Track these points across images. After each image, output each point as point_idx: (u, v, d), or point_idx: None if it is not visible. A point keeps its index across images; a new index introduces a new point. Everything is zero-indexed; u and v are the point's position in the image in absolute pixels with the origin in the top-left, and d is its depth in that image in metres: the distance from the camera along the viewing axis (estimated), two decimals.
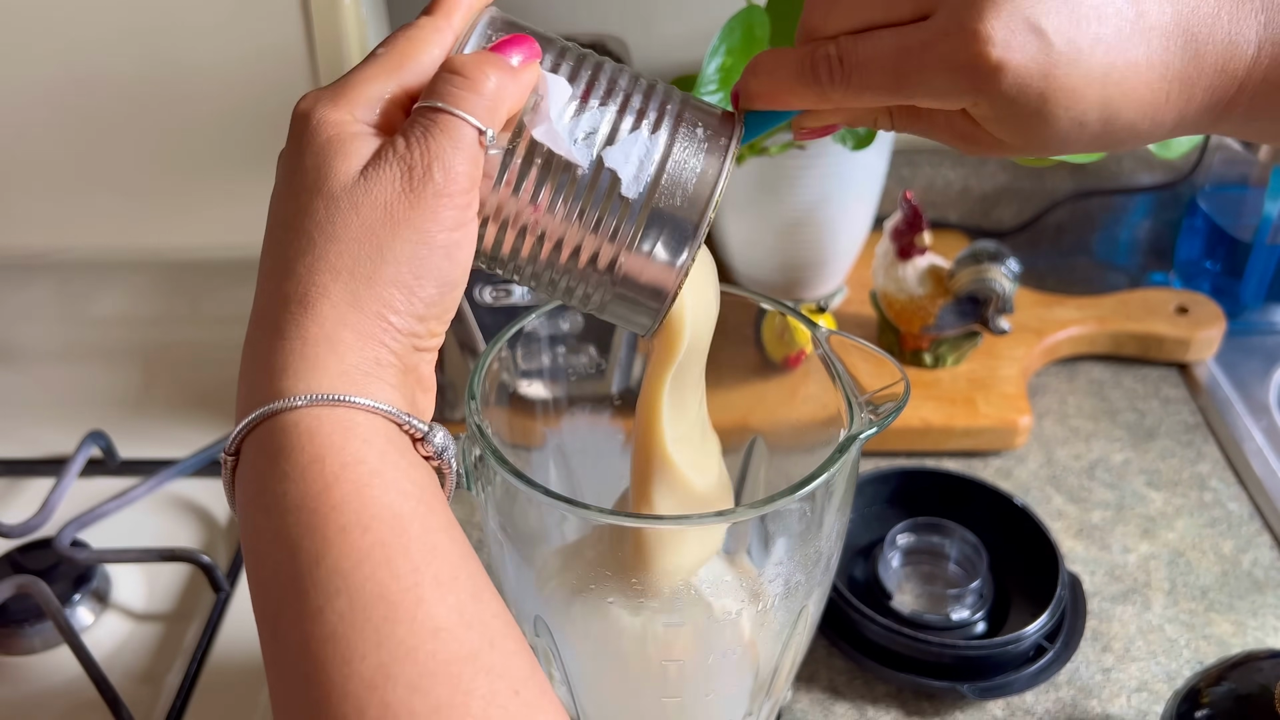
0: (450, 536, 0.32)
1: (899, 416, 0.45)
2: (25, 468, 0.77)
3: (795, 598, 0.48)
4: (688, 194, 0.36)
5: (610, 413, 0.60)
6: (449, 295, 0.35)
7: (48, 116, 0.75)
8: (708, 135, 0.37)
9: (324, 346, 0.32)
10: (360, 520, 0.30)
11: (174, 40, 0.71)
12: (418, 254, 0.33)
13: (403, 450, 0.33)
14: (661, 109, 0.37)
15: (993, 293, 0.76)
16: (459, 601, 0.30)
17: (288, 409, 0.32)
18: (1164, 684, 0.62)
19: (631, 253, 0.36)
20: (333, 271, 0.33)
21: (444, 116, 0.34)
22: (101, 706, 0.59)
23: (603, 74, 0.37)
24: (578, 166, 0.36)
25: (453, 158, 0.34)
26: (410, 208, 0.33)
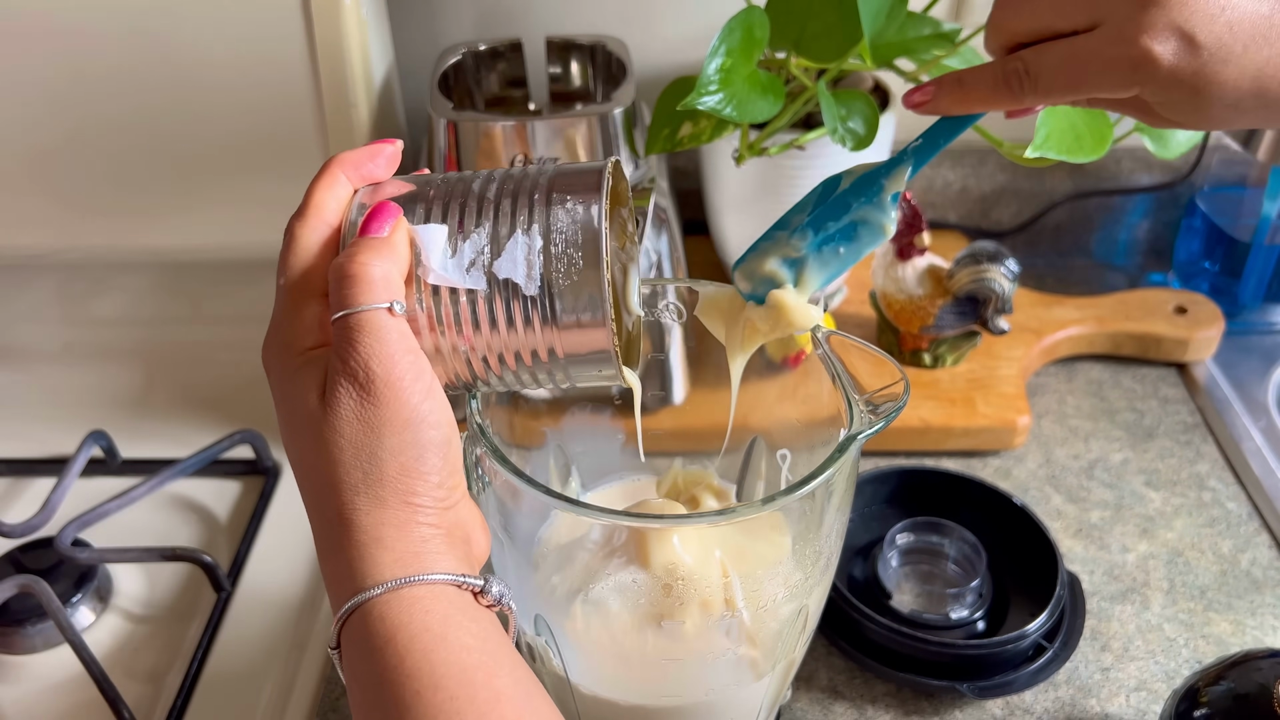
0: (514, 678, 0.37)
1: (898, 416, 0.45)
2: (27, 467, 0.77)
3: (795, 597, 0.48)
4: (578, 263, 0.39)
5: (610, 413, 0.60)
6: (450, 453, 0.39)
7: (48, 117, 0.75)
8: (577, 201, 0.40)
9: (374, 548, 0.37)
10: (432, 681, 0.35)
11: (175, 42, 0.71)
12: (404, 440, 0.37)
13: (464, 607, 0.37)
14: (530, 200, 0.40)
15: (992, 293, 0.76)
16: None
17: (360, 604, 0.37)
18: (1163, 683, 0.62)
19: (559, 333, 0.40)
20: (350, 490, 0.38)
21: (353, 318, 0.38)
22: (102, 706, 0.59)
23: (470, 198, 0.41)
24: (478, 291, 0.40)
25: (381, 348, 0.37)
26: (375, 408, 0.37)
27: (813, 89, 0.70)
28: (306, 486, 0.39)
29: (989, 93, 0.46)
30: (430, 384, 0.38)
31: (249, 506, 0.74)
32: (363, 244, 0.39)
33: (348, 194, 0.42)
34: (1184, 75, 0.41)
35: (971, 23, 0.81)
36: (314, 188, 0.41)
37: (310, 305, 0.40)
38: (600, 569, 0.50)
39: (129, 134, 0.75)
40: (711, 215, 0.88)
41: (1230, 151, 0.88)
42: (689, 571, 0.48)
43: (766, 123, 0.73)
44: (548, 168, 0.42)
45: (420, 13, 0.89)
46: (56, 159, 0.77)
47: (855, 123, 0.69)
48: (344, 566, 0.38)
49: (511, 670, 0.37)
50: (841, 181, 0.49)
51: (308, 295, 0.40)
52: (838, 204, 0.49)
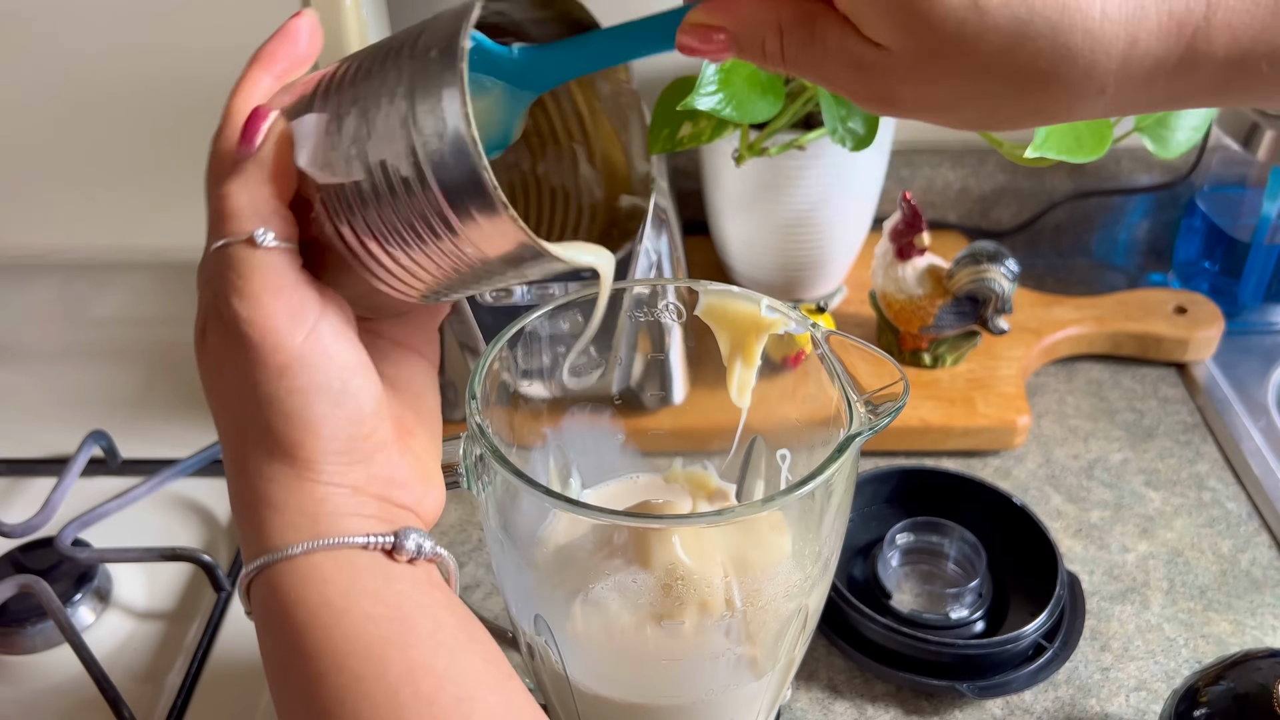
0: (434, 642, 0.33)
1: (898, 416, 0.45)
2: (27, 467, 0.77)
3: (795, 597, 0.48)
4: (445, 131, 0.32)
5: (610, 413, 0.60)
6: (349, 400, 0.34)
7: (48, 117, 0.75)
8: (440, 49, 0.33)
9: (264, 509, 0.34)
10: (334, 661, 0.32)
11: (175, 41, 0.71)
12: (282, 388, 0.33)
13: (373, 571, 0.34)
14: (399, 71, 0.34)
15: (991, 293, 0.76)
16: (443, 712, 0.32)
17: (254, 573, 0.34)
18: (1162, 683, 0.62)
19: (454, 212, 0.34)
20: (237, 439, 0.34)
21: (220, 253, 0.34)
22: (102, 706, 0.59)
23: (351, 77, 0.35)
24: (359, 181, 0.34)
25: (245, 284, 0.33)
26: (242, 351, 0.33)
27: (813, 89, 0.70)
28: (217, 428, 0.36)
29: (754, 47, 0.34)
30: (315, 326, 0.34)
31: None
32: (230, 169, 0.35)
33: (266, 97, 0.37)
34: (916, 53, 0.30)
35: None
36: (231, 97, 0.37)
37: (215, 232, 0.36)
38: (600, 569, 0.50)
39: (129, 133, 0.75)
40: (711, 215, 0.88)
41: (1230, 151, 0.88)
42: (689, 571, 0.48)
43: (766, 123, 0.73)
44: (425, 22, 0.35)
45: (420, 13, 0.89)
46: (57, 159, 0.77)
47: (855, 123, 0.69)
48: (244, 526, 0.35)
49: (432, 634, 0.33)
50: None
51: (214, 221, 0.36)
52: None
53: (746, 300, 0.52)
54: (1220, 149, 0.89)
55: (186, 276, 0.85)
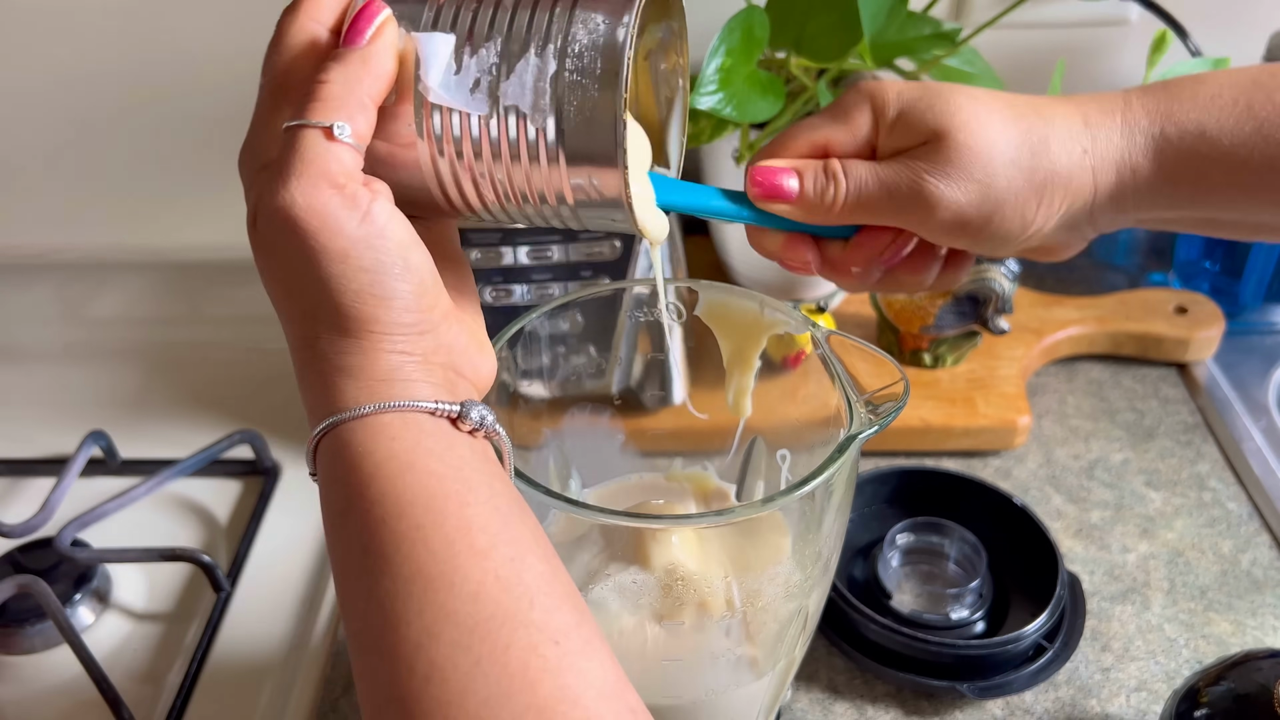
0: (491, 506, 0.35)
1: (898, 416, 0.45)
2: (26, 467, 0.77)
3: (795, 598, 0.48)
4: (593, 95, 0.34)
5: (610, 413, 0.60)
6: (412, 275, 0.36)
7: (48, 117, 0.75)
8: (602, 18, 0.34)
9: (338, 376, 0.36)
10: (397, 509, 0.33)
11: (174, 41, 0.71)
12: (349, 268, 0.35)
13: (438, 435, 0.35)
14: (550, 15, 0.35)
15: (992, 293, 0.76)
16: (495, 567, 0.33)
17: (327, 430, 0.35)
18: (1163, 683, 0.62)
19: (568, 172, 0.36)
20: (307, 318, 0.36)
21: (293, 133, 0.35)
22: (102, 706, 0.59)
23: (485, 2, 0.36)
24: (484, 114, 0.35)
25: (306, 170, 0.34)
26: (303, 237, 0.34)
27: (813, 89, 0.70)
28: (275, 307, 0.37)
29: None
30: (369, 211, 0.35)
31: (249, 506, 0.74)
32: (336, 54, 0.36)
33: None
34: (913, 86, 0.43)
35: (971, 22, 0.81)
36: None
37: (283, 110, 0.36)
38: (600, 569, 0.50)
39: (129, 134, 0.75)
40: None
41: None
42: (689, 572, 0.48)
43: (766, 122, 0.73)
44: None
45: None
46: (57, 158, 0.77)
47: None
48: (314, 394, 0.36)
49: (489, 498, 0.35)
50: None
51: (282, 99, 0.37)
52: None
53: (747, 300, 0.52)
54: None
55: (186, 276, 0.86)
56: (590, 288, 0.55)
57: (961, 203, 0.43)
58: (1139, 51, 0.74)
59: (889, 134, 0.44)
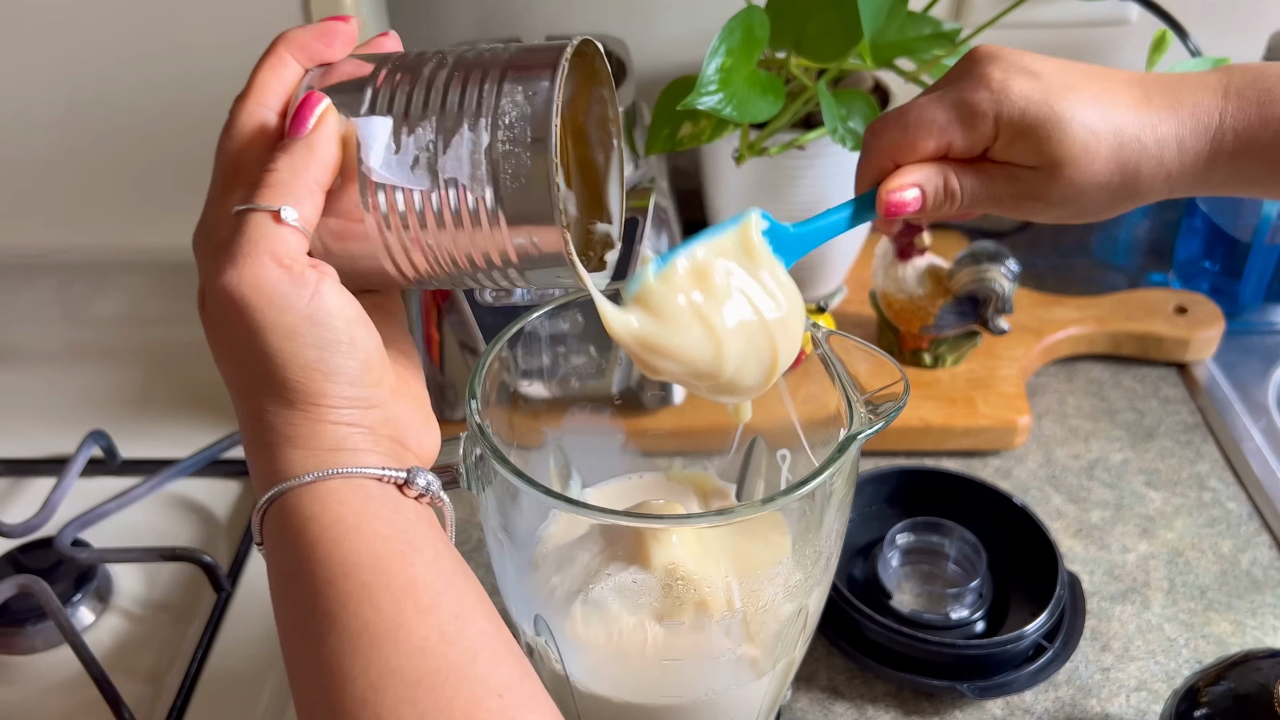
0: (435, 567, 0.36)
1: (898, 416, 0.45)
2: (26, 467, 0.77)
3: (795, 597, 0.48)
4: (526, 163, 0.36)
5: (610, 413, 0.60)
6: (359, 352, 0.37)
7: (48, 117, 0.75)
8: (529, 90, 0.36)
9: (286, 447, 0.37)
10: (343, 569, 0.34)
11: (175, 42, 0.71)
12: (297, 345, 0.36)
13: (384, 500, 0.37)
14: (480, 88, 0.37)
15: (992, 293, 0.76)
16: (439, 623, 0.34)
17: (275, 497, 0.37)
18: (1163, 683, 0.62)
19: (510, 235, 0.37)
20: (255, 391, 0.37)
21: (242, 216, 0.36)
22: (102, 706, 0.59)
23: (419, 84, 0.38)
24: (425, 188, 0.37)
25: (254, 250, 0.35)
26: (250, 314, 0.35)
27: (813, 89, 0.70)
28: (225, 382, 0.38)
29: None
30: (316, 289, 0.36)
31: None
32: (283, 144, 0.37)
33: (294, 77, 0.40)
34: (1036, 99, 0.45)
35: (971, 22, 0.81)
36: (258, 68, 0.39)
37: (234, 193, 0.38)
38: (600, 569, 0.50)
39: (129, 134, 0.75)
40: (711, 215, 0.88)
41: None
42: (689, 572, 0.48)
43: (766, 123, 0.73)
44: (509, 48, 0.38)
45: (420, 13, 0.89)
46: (56, 159, 0.77)
47: (855, 123, 0.69)
48: (261, 465, 0.37)
49: (433, 559, 0.36)
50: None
51: (234, 182, 0.38)
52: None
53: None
54: None
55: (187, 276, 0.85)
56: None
57: (1054, 218, 0.49)
58: (1139, 51, 0.74)
59: (1007, 147, 0.47)
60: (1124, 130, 0.45)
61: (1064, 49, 0.81)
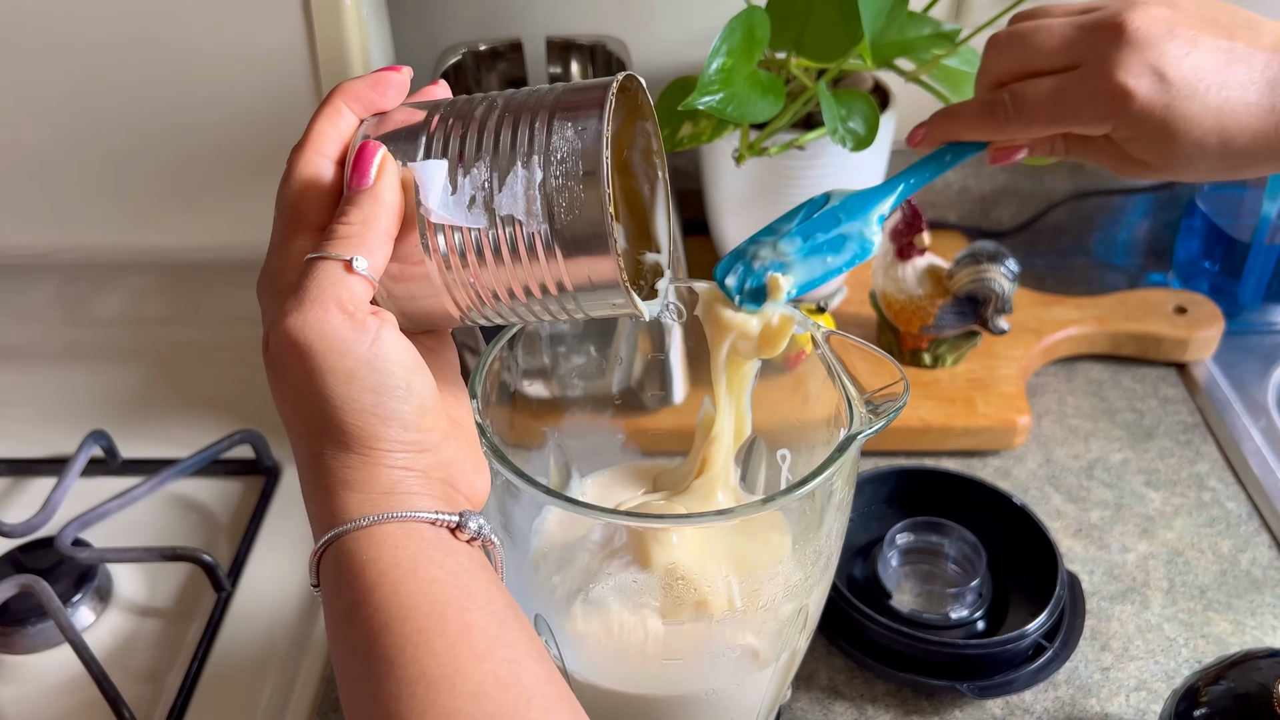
0: (489, 611, 0.36)
1: (898, 416, 0.45)
2: (27, 467, 0.77)
3: (795, 597, 0.48)
4: (579, 195, 0.37)
5: (610, 413, 0.60)
6: (414, 397, 0.38)
7: (49, 117, 0.75)
8: (578, 126, 0.38)
9: (342, 490, 0.38)
10: (400, 614, 0.35)
11: (175, 41, 0.71)
12: (354, 389, 0.37)
13: (438, 544, 0.37)
14: (530, 128, 0.38)
15: (992, 293, 0.76)
16: (494, 668, 0.35)
17: (332, 540, 0.37)
18: (1162, 683, 0.62)
19: (566, 266, 0.38)
20: (312, 435, 0.38)
21: (312, 264, 0.37)
22: (103, 705, 0.59)
23: (472, 127, 0.39)
24: (483, 227, 0.38)
25: (319, 297, 0.37)
26: (312, 359, 0.36)
27: (813, 89, 0.70)
28: (284, 424, 0.39)
29: (974, 121, 0.51)
30: (377, 336, 0.37)
31: (249, 506, 0.74)
32: (349, 196, 0.39)
33: (350, 126, 0.41)
34: (1156, 109, 0.47)
35: (971, 22, 0.81)
36: (315, 118, 0.41)
37: (297, 240, 0.39)
38: (600, 569, 0.50)
39: (129, 134, 0.75)
40: (711, 215, 0.88)
41: None
42: (689, 571, 0.48)
43: (766, 123, 0.73)
44: (555, 89, 0.40)
45: (420, 13, 0.89)
46: (57, 159, 0.77)
47: (855, 123, 0.69)
48: (318, 507, 0.38)
49: (487, 604, 0.37)
50: (829, 199, 0.51)
51: (296, 229, 0.39)
52: (828, 217, 0.51)
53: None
54: None
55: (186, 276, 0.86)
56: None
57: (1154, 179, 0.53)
58: None
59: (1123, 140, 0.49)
60: (1237, 140, 0.48)
61: None
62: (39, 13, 0.71)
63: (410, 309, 0.41)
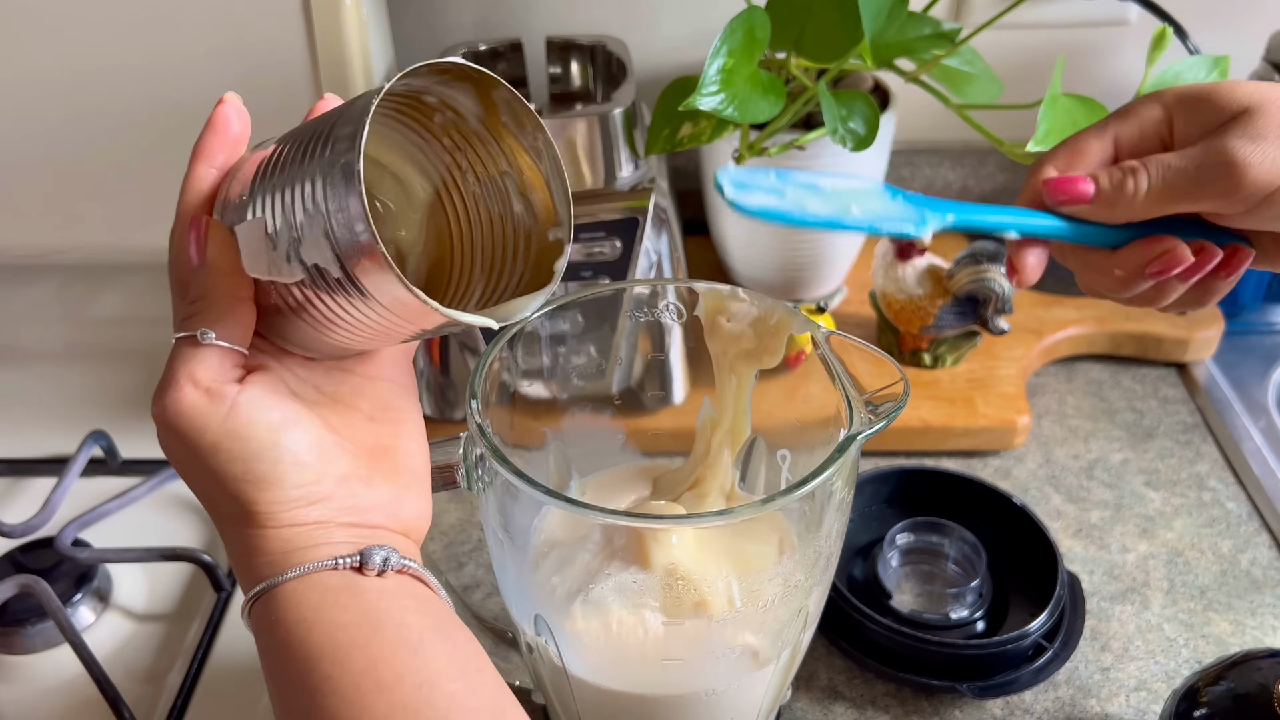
0: (399, 639, 0.37)
1: (898, 416, 0.45)
2: (27, 467, 0.77)
3: (795, 597, 0.48)
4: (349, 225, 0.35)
5: (610, 413, 0.60)
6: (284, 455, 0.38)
7: (48, 117, 0.75)
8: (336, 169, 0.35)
9: (246, 555, 0.39)
10: (308, 664, 0.36)
11: (175, 41, 0.71)
12: (219, 462, 0.38)
13: (343, 588, 0.38)
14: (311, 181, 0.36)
15: (991, 293, 0.76)
16: (402, 697, 0.35)
17: (248, 604, 0.39)
18: (1162, 683, 0.62)
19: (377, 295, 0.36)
20: (210, 504, 0.39)
21: (175, 346, 0.39)
22: (102, 706, 0.59)
23: (280, 172, 0.37)
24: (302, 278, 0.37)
25: (173, 376, 0.38)
26: (180, 437, 0.38)
27: (813, 89, 0.70)
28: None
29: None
30: (234, 403, 0.37)
31: None
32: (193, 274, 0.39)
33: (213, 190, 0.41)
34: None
35: (971, 22, 0.81)
36: (180, 197, 0.41)
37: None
38: (600, 569, 0.50)
39: (129, 134, 0.75)
40: (711, 215, 0.88)
41: None
42: (689, 572, 0.48)
43: (767, 123, 0.73)
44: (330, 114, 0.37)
45: (420, 13, 0.89)
46: (57, 159, 0.77)
47: (855, 123, 0.69)
48: (234, 567, 0.40)
49: (395, 634, 0.37)
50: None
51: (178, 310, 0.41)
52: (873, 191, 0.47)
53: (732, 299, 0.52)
54: None
55: None
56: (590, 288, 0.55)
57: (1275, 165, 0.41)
58: (1139, 51, 0.74)
59: (1188, 117, 0.43)
60: None
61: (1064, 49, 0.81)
62: (39, 13, 0.71)
63: (306, 344, 0.40)
